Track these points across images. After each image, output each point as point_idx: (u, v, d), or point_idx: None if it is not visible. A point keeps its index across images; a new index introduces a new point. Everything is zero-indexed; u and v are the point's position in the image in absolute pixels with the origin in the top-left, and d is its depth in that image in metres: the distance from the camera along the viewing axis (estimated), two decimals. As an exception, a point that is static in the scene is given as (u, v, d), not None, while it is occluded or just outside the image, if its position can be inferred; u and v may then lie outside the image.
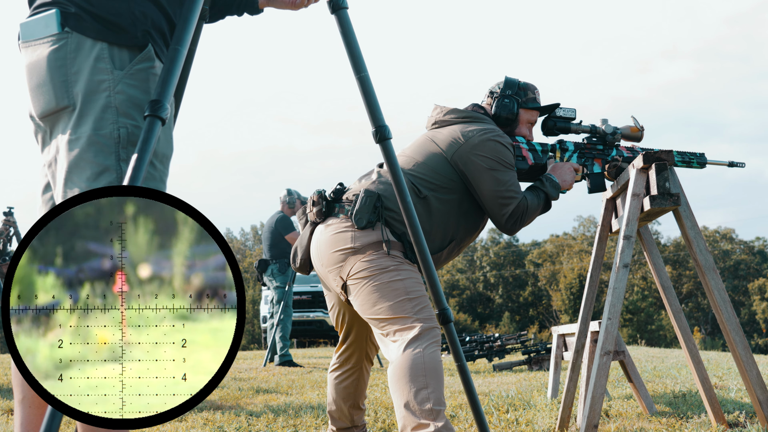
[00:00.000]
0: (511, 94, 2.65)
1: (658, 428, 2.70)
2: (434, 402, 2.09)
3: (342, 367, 2.63)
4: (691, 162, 2.77)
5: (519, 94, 2.67)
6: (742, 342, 2.36)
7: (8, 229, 8.01)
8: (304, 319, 12.87)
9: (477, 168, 2.45)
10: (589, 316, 2.80)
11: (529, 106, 2.68)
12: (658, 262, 2.71)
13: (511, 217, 2.48)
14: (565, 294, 40.72)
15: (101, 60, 1.45)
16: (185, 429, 3.10)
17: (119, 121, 1.44)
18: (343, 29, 1.82)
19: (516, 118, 2.66)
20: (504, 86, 2.67)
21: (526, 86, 2.68)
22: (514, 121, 2.66)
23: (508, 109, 2.63)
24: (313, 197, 2.48)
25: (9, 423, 3.32)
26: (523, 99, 2.67)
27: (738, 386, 3.97)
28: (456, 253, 2.58)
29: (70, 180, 1.44)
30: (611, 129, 2.77)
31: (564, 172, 2.65)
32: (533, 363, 6.55)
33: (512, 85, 2.67)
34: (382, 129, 1.85)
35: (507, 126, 2.66)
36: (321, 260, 2.41)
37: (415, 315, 2.22)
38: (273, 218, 7.05)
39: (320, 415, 3.41)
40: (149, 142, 1.33)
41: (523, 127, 2.69)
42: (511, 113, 2.64)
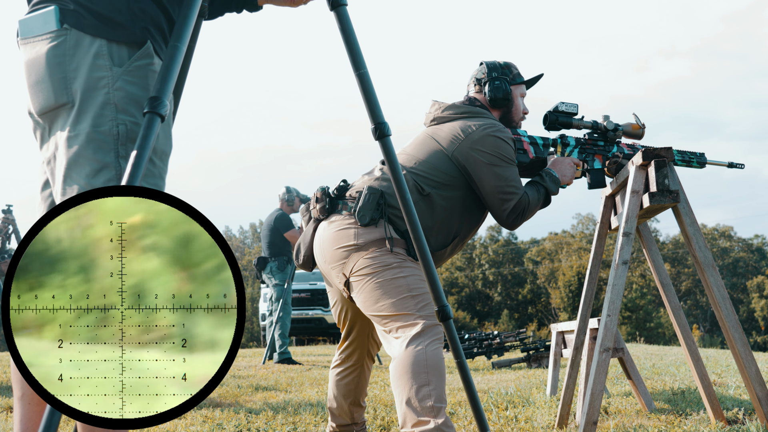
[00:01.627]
0: (499, 75, 2.67)
1: (657, 425, 2.70)
2: (435, 399, 2.09)
3: (344, 364, 2.64)
4: (691, 161, 2.78)
5: (505, 73, 2.69)
6: (741, 339, 2.36)
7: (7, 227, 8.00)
8: (303, 316, 12.88)
9: (478, 164, 2.45)
10: (588, 313, 2.80)
11: (517, 81, 2.70)
12: (657, 259, 2.71)
13: (513, 213, 2.48)
14: (563, 291, 40.75)
15: (100, 57, 1.45)
16: (184, 427, 3.10)
17: (118, 118, 1.43)
18: (343, 26, 1.81)
19: (511, 97, 2.67)
20: (489, 70, 2.68)
21: (507, 65, 2.72)
22: (510, 101, 2.67)
23: (502, 90, 2.65)
24: (316, 194, 2.48)
25: (8, 420, 3.32)
26: (510, 76, 2.69)
27: (737, 383, 3.97)
28: (459, 249, 2.59)
29: (69, 177, 1.43)
30: (613, 125, 2.77)
31: (564, 167, 2.65)
32: (532, 360, 6.55)
33: (496, 67, 2.69)
34: (381, 126, 1.84)
35: (505, 106, 2.67)
36: (324, 257, 2.41)
37: (418, 312, 2.22)
38: (272, 216, 7.04)
39: (319, 412, 3.41)
40: (148, 138, 1.33)
41: (518, 101, 2.70)
42: (506, 93, 2.65)
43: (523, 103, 2.73)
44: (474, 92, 2.70)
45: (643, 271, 40.36)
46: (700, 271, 2.41)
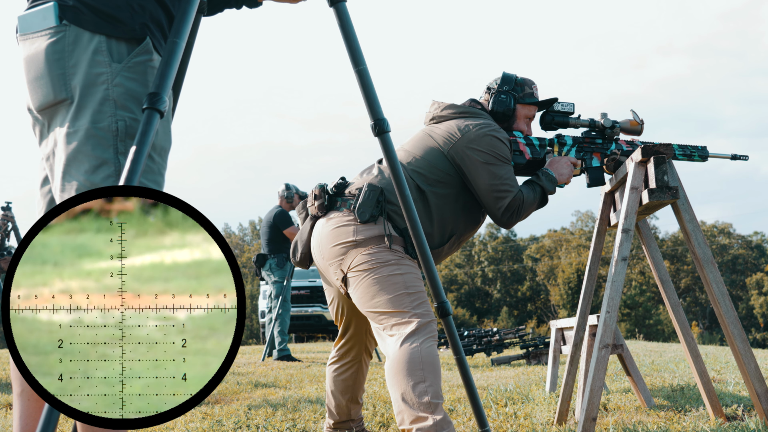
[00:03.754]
0: (508, 90, 2.65)
1: (657, 421, 2.70)
2: (432, 395, 2.09)
3: (341, 361, 2.64)
4: (692, 155, 2.75)
5: (516, 89, 2.66)
6: (740, 335, 2.36)
7: (6, 224, 7.99)
8: (302, 313, 12.88)
9: (473, 162, 2.45)
10: (587, 310, 2.80)
11: (527, 101, 2.67)
12: (657, 256, 2.71)
13: (507, 211, 2.48)
14: (563, 288, 40.78)
15: (99, 53, 1.44)
16: (184, 423, 3.10)
17: (117, 114, 1.43)
18: (342, 22, 1.81)
19: (513, 114, 2.66)
20: (501, 82, 2.66)
21: (523, 81, 2.68)
22: (510, 117, 2.66)
23: (505, 105, 2.63)
24: (314, 191, 2.48)
25: (7, 417, 3.32)
26: (520, 94, 2.67)
27: (736, 380, 3.98)
28: (456, 248, 2.58)
29: (68, 173, 1.43)
30: (610, 123, 2.76)
31: (561, 166, 2.65)
32: (531, 357, 6.56)
33: (509, 80, 2.67)
34: (380, 122, 1.84)
35: (504, 121, 2.66)
36: (322, 253, 2.41)
37: (413, 310, 2.22)
38: (271, 213, 7.04)
39: (318, 409, 3.41)
40: (147, 135, 1.32)
41: (521, 122, 2.69)
42: (508, 109, 2.63)
43: (528, 126, 2.70)
44: (483, 98, 2.71)
45: (643, 267, 40.38)
46: (699, 268, 2.41)
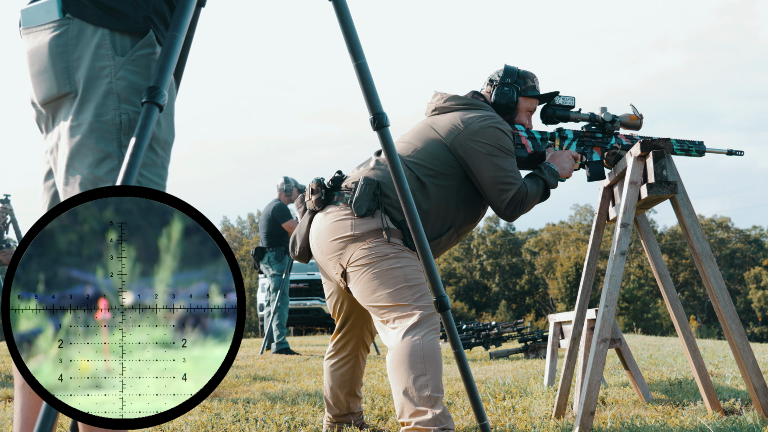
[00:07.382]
0: (511, 82, 2.65)
1: (654, 415, 2.71)
2: (432, 389, 2.10)
3: (338, 355, 2.64)
4: (690, 150, 2.77)
5: (518, 82, 2.67)
6: (738, 329, 2.36)
7: (5, 216, 7.97)
8: (301, 307, 12.89)
9: (476, 154, 2.45)
10: (586, 304, 2.80)
11: (529, 94, 2.68)
12: (655, 250, 2.71)
13: (511, 203, 2.48)
14: (561, 282, 40.82)
15: (102, 46, 1.44)
16: (182, 416, 3.11)
17: (121, 108, 1.43)
18: (341, 15, 1.80)
19: (515, 107, 2.66)
20: (503, 74, 2.67)
21: (525, 74, 2.68)
22: (513, 110, 2.66)
23: (507, 97, 2.63)
24: (311, 185, 2.48)
25: (8, 410, 3.32)
26: (523, 87, 2.67)
27: (734, 374, 3.99)
28: (455, 241, 2.58)
29: (72, 167, 1.43)
30: (610, 117, 2.76)
31: (563, 160, 2.65)
32: (530, 351, 6.57)
33: (512, 73, 2.67)
34: (380, 116, 1.84)
35: (506, 114, 2.66)
36: (320, 248, 2.41)
37: (415, 302, 2.22)
38: (270, 206, 7.03)
39: (317, 402, 3.42)
40: (146, 129, 1.32)
41: (523, 115, 2.69)
42: (510, 101, 2.64)
43: (529, 119, 2.71)
44: (485, 90, 2.71)
45: (641, 262, 40.42)
46: (697, 262, 2.41)
